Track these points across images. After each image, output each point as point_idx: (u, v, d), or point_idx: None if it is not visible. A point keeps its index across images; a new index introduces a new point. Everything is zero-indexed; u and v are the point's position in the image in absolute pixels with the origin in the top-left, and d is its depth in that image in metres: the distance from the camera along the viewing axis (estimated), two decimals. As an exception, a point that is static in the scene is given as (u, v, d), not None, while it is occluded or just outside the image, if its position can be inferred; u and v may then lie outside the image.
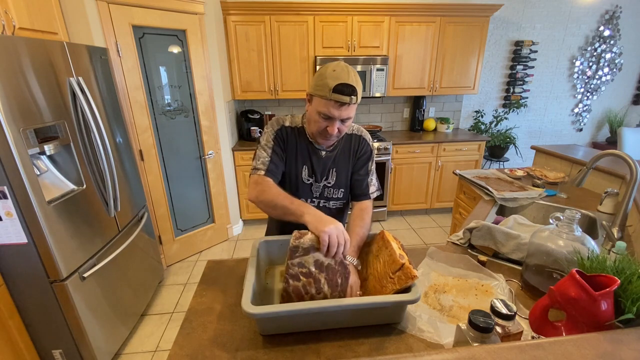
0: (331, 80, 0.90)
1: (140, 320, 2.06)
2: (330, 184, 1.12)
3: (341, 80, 0.90)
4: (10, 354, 1.39)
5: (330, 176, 1.12)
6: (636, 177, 1.12)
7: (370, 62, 3.03)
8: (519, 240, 1.09)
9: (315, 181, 1.12)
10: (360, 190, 1.14)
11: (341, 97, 0.90)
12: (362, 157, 1.14)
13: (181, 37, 2.34)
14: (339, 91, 0.90)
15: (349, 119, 0.98)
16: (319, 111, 0.96)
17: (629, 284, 0.67)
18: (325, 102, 0.93)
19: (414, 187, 3.36)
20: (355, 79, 0.93)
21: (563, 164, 2.17)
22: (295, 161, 1.10)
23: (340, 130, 1.00)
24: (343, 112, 0.94)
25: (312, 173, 1.11)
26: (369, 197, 1.15)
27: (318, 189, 1.13)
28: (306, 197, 1.13)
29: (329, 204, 1.15)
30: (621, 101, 4.01)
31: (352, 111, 0.96)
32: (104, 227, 1.71)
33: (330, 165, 1.11)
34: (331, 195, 1.14)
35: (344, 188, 1.15)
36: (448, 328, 0.79)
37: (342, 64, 0.95)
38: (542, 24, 3.54)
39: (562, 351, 0.53)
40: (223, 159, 2.84)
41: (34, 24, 1.59)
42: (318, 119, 0.98)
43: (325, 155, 1.10)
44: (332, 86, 0.90)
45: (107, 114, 1.80)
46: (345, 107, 0.93)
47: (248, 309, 0.72)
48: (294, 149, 1.10)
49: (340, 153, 1.12)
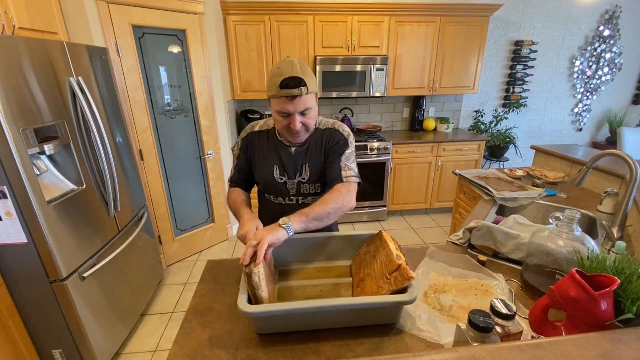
0: (277, 77, 0.92)
1: (140, 320, 2.06)
2: (305, 180, 1.11)
3: (286, 75, 0.91)
4: (10, 354, 1.39)
5: (304, 172, 1.11)
6: (636, 177, 1.12)
7: (370, 62, 3.03)
8: (519, 240, 1.09)
9: (288, 179, 1.11)
10: (331, 176, 1.06)
11: (290, 91, 0.91)
12: (335, 147, 1.08)
13: (181, 37, 2.34)
14: (286, 86, 0.91)
15: (307, 109, 0.97)
16: (277, 110, 0.98)
17: (629, 284, 0.67)
18: (278, 100, 0.94)
19: (414, 187, 3.36)
20: (302, 70, 0.93)
21: (563, 164, 2.17)
22: (265, 163, 1.11)
23: (306, 124, 1.00)
24: (298, 105, 0.94)
25: (284, 171, 1.11)
26: (341, 180, 1.04)
27: (294, 187, 1.12)
28: (284, 197, 1.14)
29: (307, 200, 1.14)
30: (621, 101, 4.01)
31: (309, 102, 0.96)
32: (104, 227, 1.71)
33: (302, 160, 1.10)
34: (308, 191, 1.13)
35: (320, 183, 1.13)
36: (448, 328, 0.79)
37: (288, 59, 0.96)
38: (542, 24, 3.54)
39: (562, 351, 0.53)
40: (223, 159, 2.84)
41: (34, 24, 1.59)
42: (279, 118, 0.99)
43: (296, 152, 1.10)
44: (279, 83, 0.92)
45: (107, 114, 1.80)
46: (298, 100, 0.93)
47: (244, 308, 0.72)
48: (263, 151, 1.11)
49: (312, 147, 1.10)
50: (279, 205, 1.16)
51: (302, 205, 1.11)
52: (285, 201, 1.15)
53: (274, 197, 1.16)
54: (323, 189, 1.13)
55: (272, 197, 1.16)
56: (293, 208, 1.09)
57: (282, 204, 1.15)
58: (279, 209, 1.15)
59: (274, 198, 1.16)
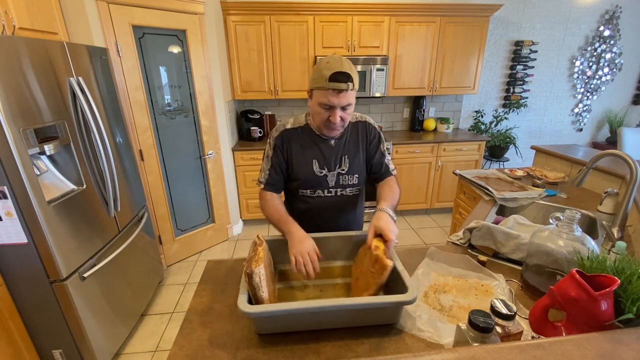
0: (326, 71, 0.95)
1: (140, 320, 2.06)
2: (344, 171, 1.15)
3: (335, 69, 0.95)
4: (10, 354, 1.39)
5: (343, 163, 1.14)
6: (636, 177, 1.12)
7: (370, 62, 3.03)
8: (519, 240, 1.09)
9: (328, 171, 1.14)
10: (382, 171, 1.20)
11: (338, 84, 0.95)
12: (374, 141, 1.18)
13: (181, 37, 2.34)
14: (334, 79, 0.94)
15: (349, 105, 1.01)
16: (320, 102, 1.00)
17: (629, 284, 0.67)
18: (324, 92, 0.97)
19: (414, 187, 3.36)
20: (349, 67, 0.97)
21: (563, 164, 2.17)
22: (304, 158, 1.13)
23: (344, 119, 1.04)
24: (342, 99, 0.98)
25: (325, 164, 1.13)
26: (391, 174, 1.21)
27: (333, 178, 1.15)
28: (323, 189, 1.16)
29: (345, 192, 1.18)
30: (621, 101, 4.01)
31: (351, 98, 1.00)
32: (104, 227, 1.71)
33: (342, 152, 1.14)
34: (347, 182, 1.17)
35: (358, 174, 1.17)
36: (448, 328, 0.79)
37: (336, 55, 1.00)
38: (542, 24, 3.54)
39: (562, 351, 0.53)
40: (223, 159, 2.84)
41: (34, 24, 1.59)
42: (320, 111, 1.02)
43: (335, 144, 1.13)
44: (328, 76, 0.95)
45: (107, 114, 1.80)
46: (343, 94, 0.97)
47: (244, 308, 0.72)
48: (300, 147, 1.13)
49: (349, 140, 1.15)
50: (317, 198, 1.17)
51: (340, 197, 1.17)
52: (324, 193, 1.16)
53: (312, 191, 1.16)
54: (360, 180, 1.19)
55: (308, 192, 1.17)
56: (331, 200, 1.16)
57: (321, 197, 1.17)
58: (316, 202, 1.17)
59: (312, 192, 1.17)
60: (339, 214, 1.21)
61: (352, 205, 1.22)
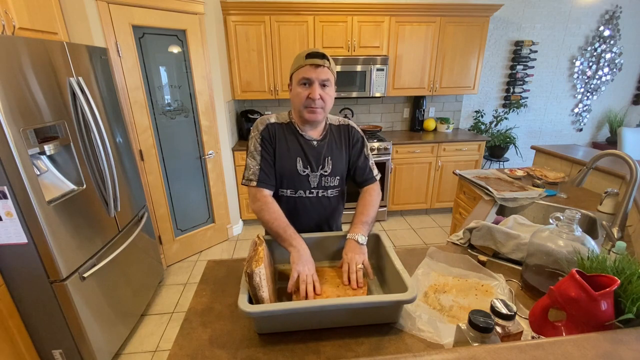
0: (302, 53, 1.04)
1: (140, 320, 2.06)
2: (326, 173, 1.14)
3: (311, 50, 1.04)
4: (10, 354, 1.39)
5: (326, 165, 1.13)
6: (636, 177, 1.12)
7: (370, 62, 3.03)
8: (519, 240, 1.09)
9: (311, 171, 1.12)
10: (365, 176, 1.20)
11: (314, 60, 1.01)
12: (357, 144, 1.19)
13: (181, 37, 2.34)
14: (311, 56, 1.02)
15: (327, 82, 1.04)
16: (299, 80, 1.04)
17: (629, 284, 0.67)
18: (302, 69, 1.03)
19: (414, 187, 3.36)
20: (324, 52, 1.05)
21: (563, 164, 2.17)
22: (288, 154, 1.11)
23: (323, 99, 1.05)
24: (320, 74, 1.02)
25: (307, 163, 1.12)
26: (374, 180, 1.21)
27: (316, 179, 1.13)
28: (304, 189, 1.13)
29: (327, 193, 1.17)
30: (621, 101, 4.01)
31: (329, 74, 1.04)
32: (104, 227, 1.71)
33: (325, 153, 1.13)
34: (328, 183, 1.15)
35: (339, 176, 1.17)
36: (448, 328, 0.79)
37: None
38: (542, 24, 3.54)
39: (562, 351, 0.53)
40: (223, 158, 2.84)
41: (34, 24, 1.59)
42: (300, 90, 1.05)
43: (318, 145, 1.13)
44: (304, 55, 1.03)
45: (107, 114, 1.80)
46: (320, 69, 1.02)
47: (245, 308, 0.72)
48: (285, 143, 1.11)
49: (331, 142, 1.15)
50: (297, 198, 1.14)
51: (321, 198, 1.16)
52: (305, 194, 1.14)
53: (292, 190, 1.14)
54: (341, 182, 1.19)
55: (288, 192, 1.14)
56: (312, 201, 1.14)
57: (302, 197, 1.14)
58: (296, 202, 1.15)
59: (292, 192, 1.14)
60: (320, 216, 1.19)
61: (332, 207, 1.20)
